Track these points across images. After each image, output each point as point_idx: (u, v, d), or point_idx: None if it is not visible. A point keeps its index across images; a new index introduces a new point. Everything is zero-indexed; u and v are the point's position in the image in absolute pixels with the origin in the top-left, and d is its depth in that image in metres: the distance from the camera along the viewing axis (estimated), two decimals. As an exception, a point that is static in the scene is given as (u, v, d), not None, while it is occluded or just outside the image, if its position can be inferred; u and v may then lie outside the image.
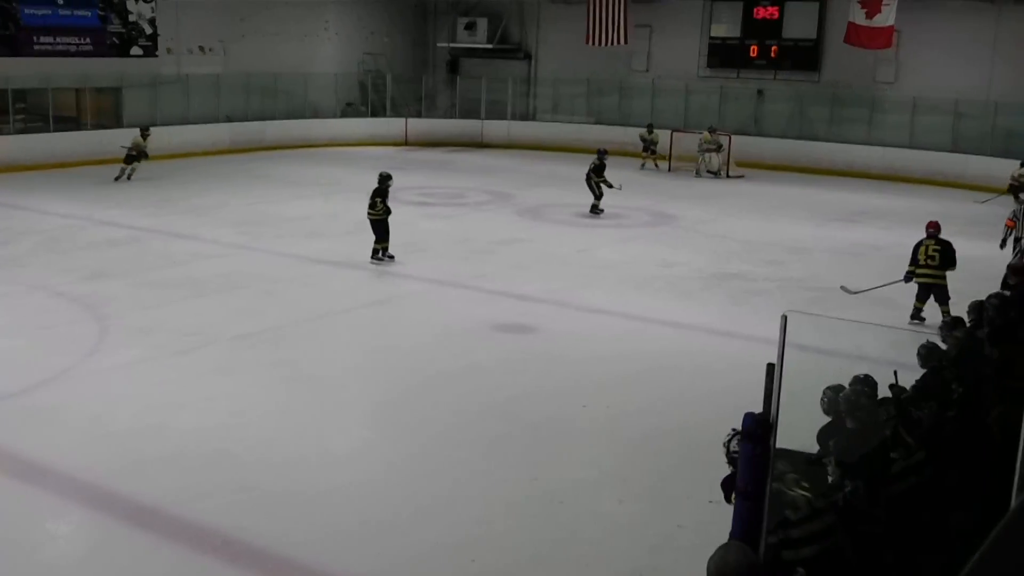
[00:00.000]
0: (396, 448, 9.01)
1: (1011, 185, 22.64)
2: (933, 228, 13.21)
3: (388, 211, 15.76)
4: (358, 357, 11.52)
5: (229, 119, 29.61)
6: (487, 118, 33.76)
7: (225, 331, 12.13)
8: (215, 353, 11.36)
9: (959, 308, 10.71)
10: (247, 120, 29.96)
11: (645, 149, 28.24)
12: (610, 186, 20.69)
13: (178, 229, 18.10)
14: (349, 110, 33.68)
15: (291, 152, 29.47)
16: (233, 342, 11.76)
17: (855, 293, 13.84)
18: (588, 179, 20.94)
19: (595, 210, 20.79)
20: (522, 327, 12.68)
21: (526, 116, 34.49)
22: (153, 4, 27.97)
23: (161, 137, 24.87)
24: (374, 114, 33.68)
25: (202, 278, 14.57)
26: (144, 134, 23.28)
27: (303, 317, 12.84)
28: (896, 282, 13.24)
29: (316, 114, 32.17)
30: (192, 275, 14.74)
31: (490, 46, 34.74)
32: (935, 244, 12.95)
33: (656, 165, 28.05)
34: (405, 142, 32.58)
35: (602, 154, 21.28)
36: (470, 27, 34.81)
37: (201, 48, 29.53)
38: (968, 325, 8.65)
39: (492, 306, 13.61)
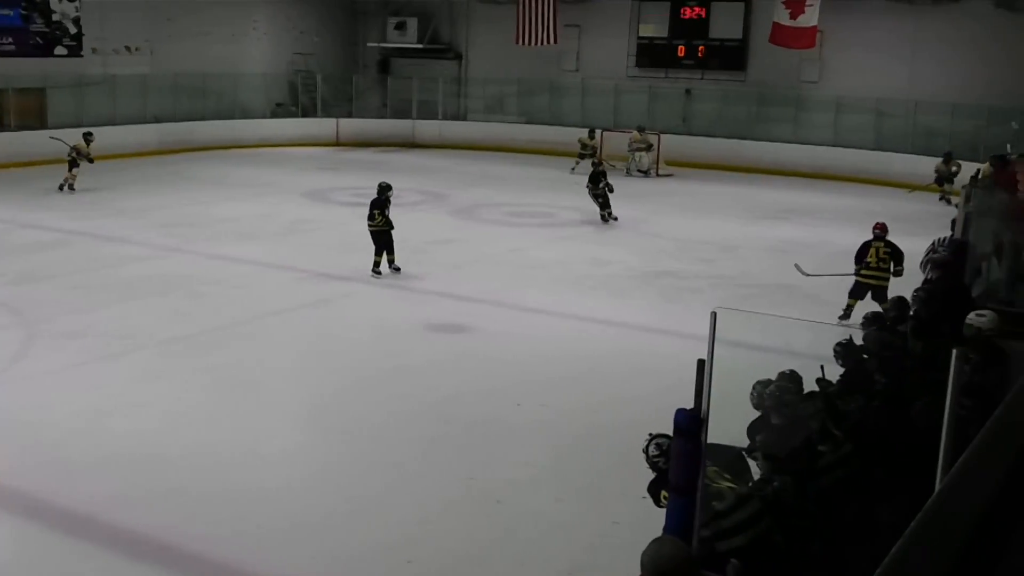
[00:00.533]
0: (331, 450, 9.00)
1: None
2: (880, 229, 13.01)
3: (389, 223, 15.05)
4: (292, 359, 11.48)
5: (157, 120, 29.20)
6: (419, 118, 33.72)
7: (156, 334, 12.00)
8: (146, 357, 11.24)
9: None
10: (175, 121, 29.55)
11: (582, 156, 27.05)
12: (611, 190, 19.92)
13: (107, 231, 17.85)
14: (279, 110, 33.43)
15: (221, 153, 29.15)
16: (164, 345, 11.64)
17: (808, 275, 13.93)
18: (589, 191, 19.98)
19: (604, 218, 20.02)
20: (456, 327, 12.72)
21: (458, 116, 34.50)
22: (77, 4, 27.50)
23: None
24: (305, 114, 33.46)
25: (132, 281, 14.39)
26: (87, 138, 22.43)
27: (235, 320, 12.75)
28: (847, 275, 13.25)
29: (246, 115, 31.85)
30: (122, 278, 14.56)
31: (420, 46, 34.70)
32: (885, 247, 12.87)
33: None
34: (336, 142, 32.42)
35: (596, 164, 20.69)
36: (400, 27, 34.74)
37: (128, 48, 29.09)
38: (890, 320, 8.86)
39: (426, 306, 13.63)
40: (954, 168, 23.67)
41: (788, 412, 6.16)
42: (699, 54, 30.79)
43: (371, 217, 15.14)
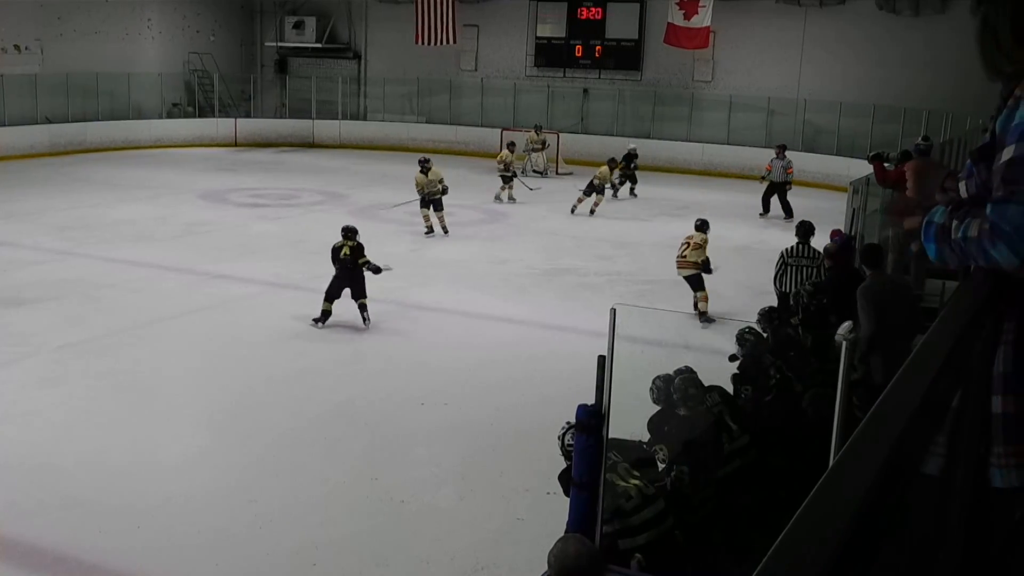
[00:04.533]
0: (232, 454, 8.90)
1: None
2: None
3: None
4: (190, 363, 11.30)
5: (48, 121, 28.42)
6: (318, 118, 33.48)
7: (50, 340, 11.71)
8: (40, 364, 10.96)
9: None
10: (68, 122, 28.81)
11: (509, 170, 22.87)
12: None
13: (-5, 236, 17.36)
14: (175, 111, 32.84)
15: (115, 154, 28.52)
16: (59, 351, 11.38)
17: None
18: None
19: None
20: (358, 328, 12.67)
21: (357, 116, 34.33)
22: (-39, 1, 26.72)
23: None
24: (201, 114, 32.94)
25: (23, 286, 14.01)
26: (424, 166, 19.21)
27: (132, 324, 12.52)
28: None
29: (140, 115, 31.20)
30: (12, 283, 14.17)
31: (319, 45, 34.46)
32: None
33: (512, 197, 23.25)
34: (235, 143, 31.99)
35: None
36: (298, 26, 34.46)
37: (16, 47, 28.30)
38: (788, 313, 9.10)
39: (327, 308, 13.54)
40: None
41: (693, 404, 6.29)
42: (596, 54, 31.13)
43: None
